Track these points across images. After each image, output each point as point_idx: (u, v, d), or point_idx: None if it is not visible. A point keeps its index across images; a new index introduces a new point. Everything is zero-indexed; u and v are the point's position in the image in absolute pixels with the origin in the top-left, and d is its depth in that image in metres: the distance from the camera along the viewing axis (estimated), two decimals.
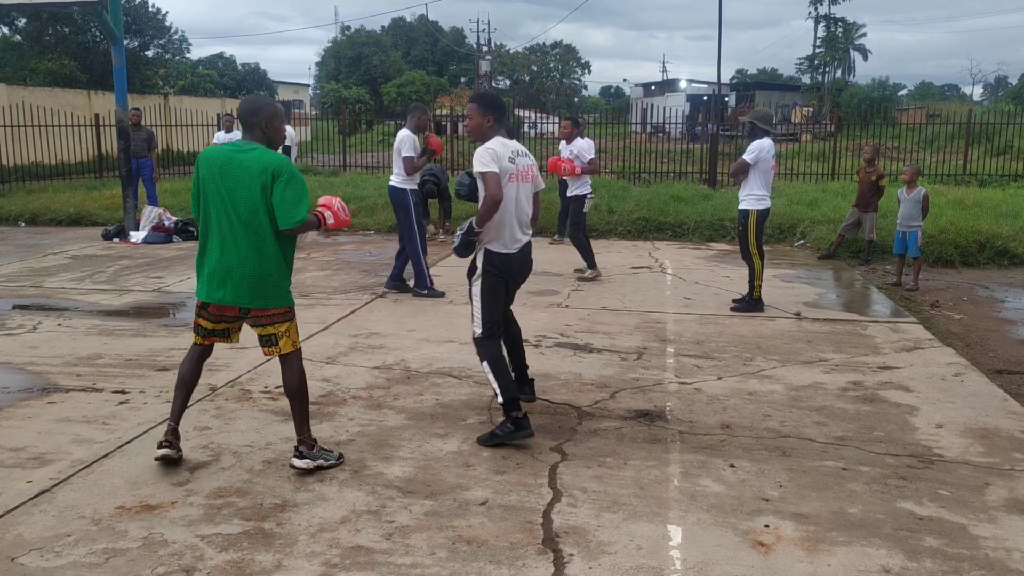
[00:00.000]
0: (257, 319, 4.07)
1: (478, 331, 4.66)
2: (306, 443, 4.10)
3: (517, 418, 4.47)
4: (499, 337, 4.74)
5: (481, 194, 4.54)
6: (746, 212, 7.70)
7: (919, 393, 5.43)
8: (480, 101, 4.74)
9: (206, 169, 3.95)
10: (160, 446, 4.09)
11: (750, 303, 7.79)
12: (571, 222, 9.55)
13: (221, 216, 3.93)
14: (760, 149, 7.54)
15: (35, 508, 3.70)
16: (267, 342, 4.09)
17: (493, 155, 4.50)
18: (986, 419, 4.96)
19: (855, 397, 5.34)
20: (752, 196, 7.65)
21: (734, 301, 7.97)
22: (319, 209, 4.16)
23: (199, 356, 4.22)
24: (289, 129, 11.89)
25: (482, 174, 4.48)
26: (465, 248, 4.62)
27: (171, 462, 4.11)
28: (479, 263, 4.64)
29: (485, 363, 4.62)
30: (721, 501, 3.83)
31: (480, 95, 4.90)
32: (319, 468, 4.09)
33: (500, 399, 4.53)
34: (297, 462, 4.07)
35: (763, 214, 7.72)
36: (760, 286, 7.80)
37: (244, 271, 3.93)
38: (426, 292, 8.32)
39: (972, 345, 6.82)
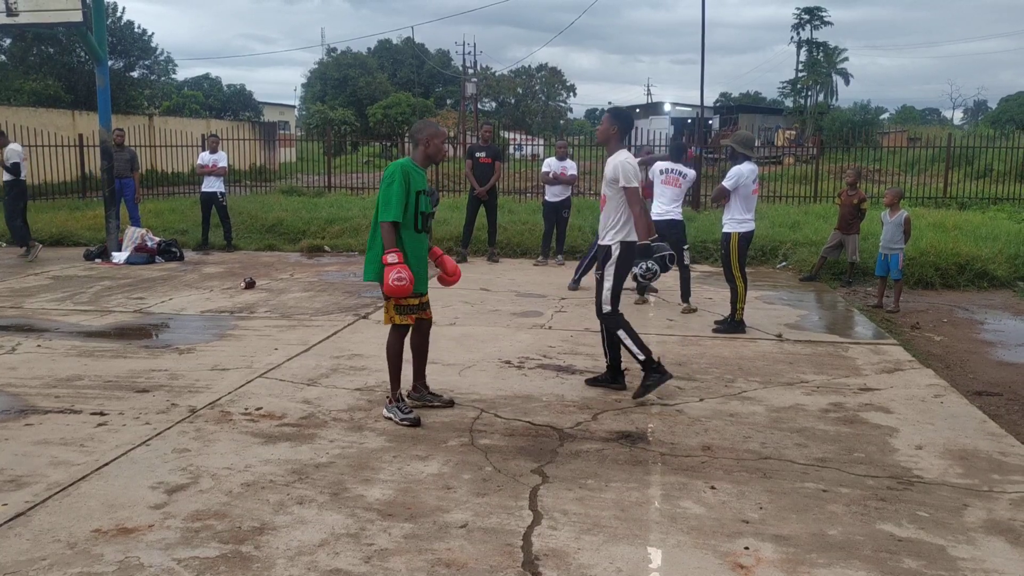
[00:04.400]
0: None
1: (608, 308, 5.65)
2: (390, 398, 5.19)
3: (657, 368, 5.56)
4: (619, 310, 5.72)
5: (633, 207, 5.54)
6: (728, 235, 7.76)
7: (899, 415, 5.46)
8: (612, 112, 5.81)
9: None
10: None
11: (732, 325, 7.83)
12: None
13: None
14: (739, 175, 7.61)
15: (10, 531, 3.66)
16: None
17: (634, 171, 5.57)
18: (965, 440, 4.99)
19: (836, 419, 5.36)
20: (734, 220, 7.72)
21: (716, 323, 8.01)
22: (393, 262, 4.88)
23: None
24: (15, 145, 12.18)
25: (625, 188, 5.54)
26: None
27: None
28: (615, 253, 5.60)
29: (621, 331, 5.61)
30: (701, 523, 3.83)
31: (614, 109, 5.94)
32: (388, 420, 5.11)
33: (640, 357, 5.55)
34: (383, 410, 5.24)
35: (745, 237, 7.77)
36: (742, 308, 7.84)
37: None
38: (573, 286, 10.00)
39: (952, 367, 6.87)
